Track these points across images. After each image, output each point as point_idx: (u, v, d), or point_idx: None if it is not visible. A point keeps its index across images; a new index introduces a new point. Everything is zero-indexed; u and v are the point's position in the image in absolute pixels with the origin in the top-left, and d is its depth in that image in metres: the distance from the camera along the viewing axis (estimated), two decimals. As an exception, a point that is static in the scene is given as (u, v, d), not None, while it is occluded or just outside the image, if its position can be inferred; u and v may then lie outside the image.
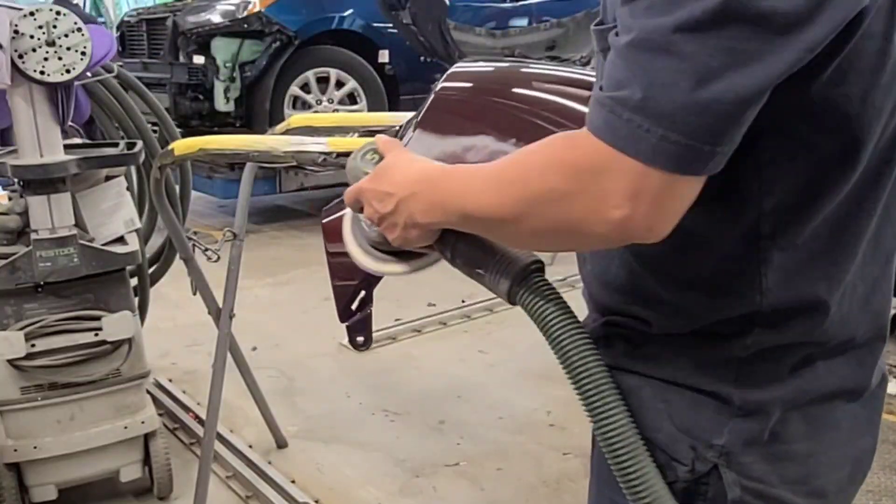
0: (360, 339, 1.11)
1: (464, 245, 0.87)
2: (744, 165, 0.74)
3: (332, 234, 1.10)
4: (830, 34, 0.67)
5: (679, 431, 0.85)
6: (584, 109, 1.10)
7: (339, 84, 5.83)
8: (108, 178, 2.52)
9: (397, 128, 1.19)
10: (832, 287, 0.82)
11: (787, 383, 0.83)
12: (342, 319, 1.09)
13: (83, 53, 2.12)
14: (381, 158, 0.94)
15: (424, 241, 0.89)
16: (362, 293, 1.08)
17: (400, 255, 0.96)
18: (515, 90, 1.14)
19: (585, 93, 1.12)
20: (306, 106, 5.75)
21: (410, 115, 2.25)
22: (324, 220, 1.11)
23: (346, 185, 0.96)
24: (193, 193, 3.54)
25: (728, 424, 0.83)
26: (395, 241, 0.90)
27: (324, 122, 2.40)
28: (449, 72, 1.19)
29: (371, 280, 1.06)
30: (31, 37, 2.08)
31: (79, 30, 2.12)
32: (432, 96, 1.14)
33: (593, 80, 1.16)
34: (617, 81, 0.69)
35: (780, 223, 0.78)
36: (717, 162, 0.69)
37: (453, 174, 0.85)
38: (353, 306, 1.09)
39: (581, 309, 0.93)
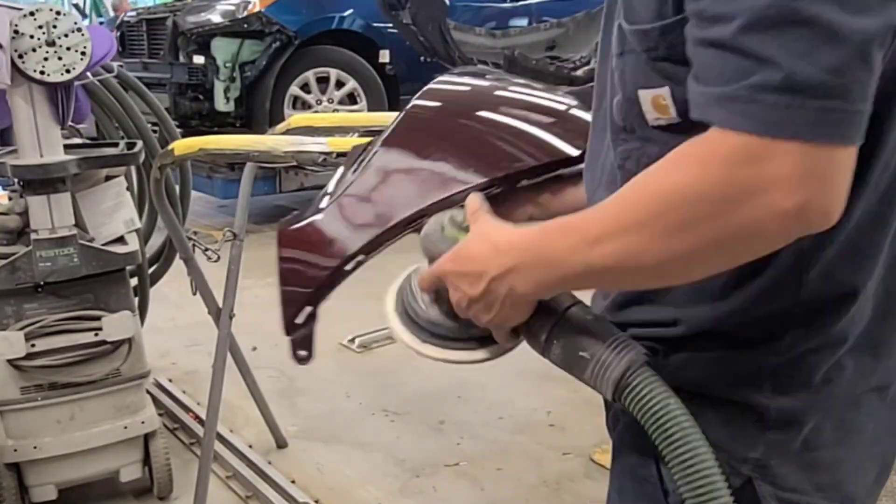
0: (303, 353, 1.09)
1: (568, 325, 0.78)
2: None
3: (291, 240, 1.08)
4: None
5: (713, 446, 0.79)
6: (546, 136, 1.10)
7: (339, 84, 5.83)
8: (108, 178, 2.52)
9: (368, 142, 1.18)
10: (866, 279, 0.79)
11: (820, 389, 0.81)
12: (287, 332, 1.07)
13: (83, 53, 2.12)
14: (464, 229, 0.86)
15: (522, 319, 0.83)
16: (309, 308, 1.06)
17: (468, 340, 0.88)
18: (482, 113, 1.13)
19: (547, 119, 1.11)
20: (306, 106, 5.75)
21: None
22: (281, 230, 1.09)
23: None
24: (193, 193, 3.54)
25: (763, 436, 0.81)
26: (489, 322, 0.84)
27: (324, 122, 2.39)
28: (424, 89, 1.18)
29: (318, 297, 1.04)
30: (31, 37, 2.07)
31: (79, 30, 2.12)
32: (403, 114, 1.14)
33: (562, 107, 1.15)
34: (739, 71, 0.65)
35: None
36: (864, 123, 0.66)
37: (564, 227, 0.77)
38: (298, 320, 1.06)
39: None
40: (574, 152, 1.02)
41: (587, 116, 1.00)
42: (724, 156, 0.66)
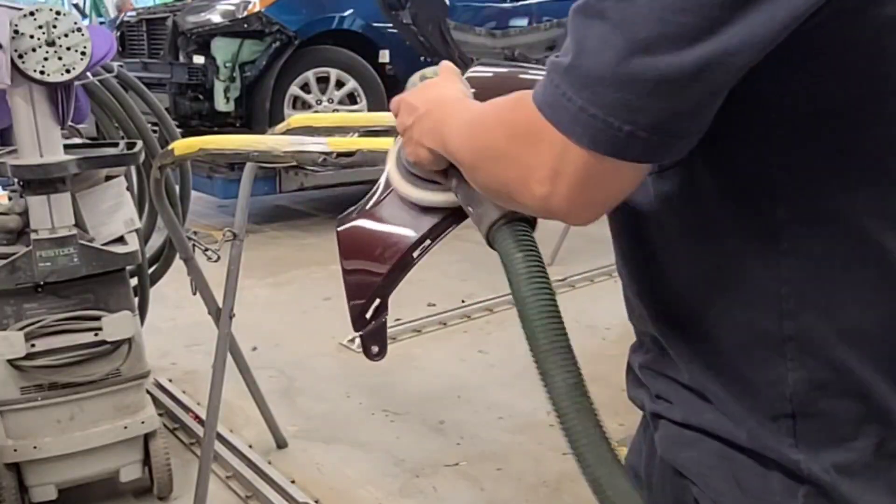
0: (375, 348, 1.07)
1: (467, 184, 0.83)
2: (750, 168, 0.67)
3: (349, 246, 1.06)
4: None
5: (748, 498, 0.76)
6: None
7: (339, 84, 5.83)
8: (108, 178, 2.52)
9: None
10: (877, 316, 0.70)
11: (854, 446, 0.72)
12: (356, 329, 1.05)
13: (83, 53, 2.12)
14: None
15: (434, 167, 0.86)
16: (377, 301, 1.03)
17: (435, 185, 0.92)
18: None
19: None
20: (306, 106, 5.75)
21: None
22: (339, 229, 1.06)
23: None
24: (193, 193, 3.54)
25: (801, 489, 0.74)
26: (408, 156, 0.90)
27: (324, 122, 2.39)
28: (465, 76, 1.18)
29: (388, 286, 1.02)
30: (31, 37, 2.08)
31: (79, 30, 2.12)
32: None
33: None
34: (564, 47, 0.66)
35: (798, 237, 0.68)
36: (648, 149, 0.62)
37: (455, 104, 0.83)
38: (368, 315, 1.04)
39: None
40: None
41: None
42: (517, 119, 0.68)
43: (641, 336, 0.87)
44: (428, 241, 0.98)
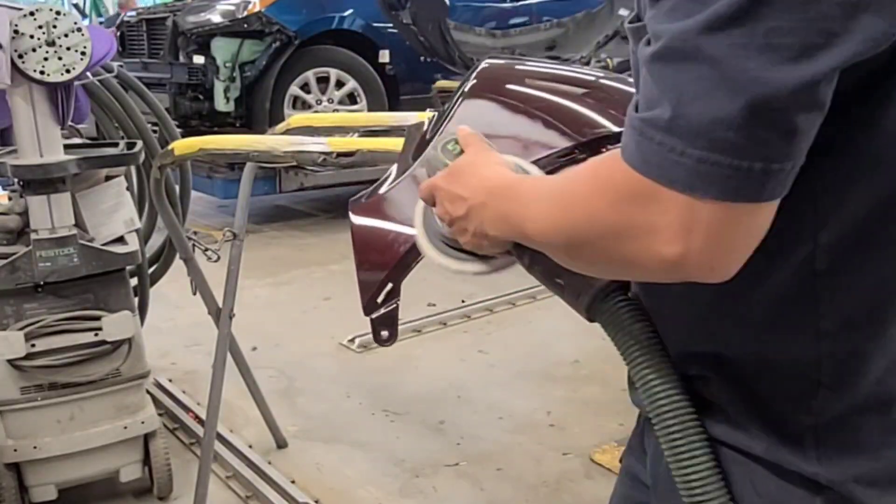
0: (385, 333, 1.06)
1: (542, 254, 0.80)
2: (792, 190, 0.63)
3: (365, 214, 1.05)
4: None
5: (764, 502, 0.75)
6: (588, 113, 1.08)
7: (339, 84, 5.83)
8: (108, 178, 2.52)
9: (426, 127, 1.16)
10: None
11: (881, 455, 0.72)
12: (367, 312, 1.03)
13: (83, 53, 2.12)
14: (462, 152, 0.89)
15: (496, 251, 0.84)
16: (389, 285, 1.02)
17: (475, 253, 0.90)
18: (553, 84, 1.12)
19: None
20: (306, 106, 5.75)
21: (412, 115, 2.25)
22: (352, 210, 1.05)
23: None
24: (193, 193, 3.54)
25: (818, 497, 0.73)
26: (466, 245, 0.85)
27: (324, 122, 2.39)
28: (478, 69, 1.16)
29: (400, 270, 1.01)
30: (31, 37, 2.07)
31: (79, 30, 2.12)
32: (461, 92, 1.12)
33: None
34: (648, 100, 0.61)
35: (838, 258, 0.67)
36: (780, 182, 0.59)
37: (520, 188, 0.77)
38: (379, 299, 1.03)
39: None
40: None
41: None
42: (617, 185, 0.63)
43: None
44: None
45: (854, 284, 0.68)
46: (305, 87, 5.76)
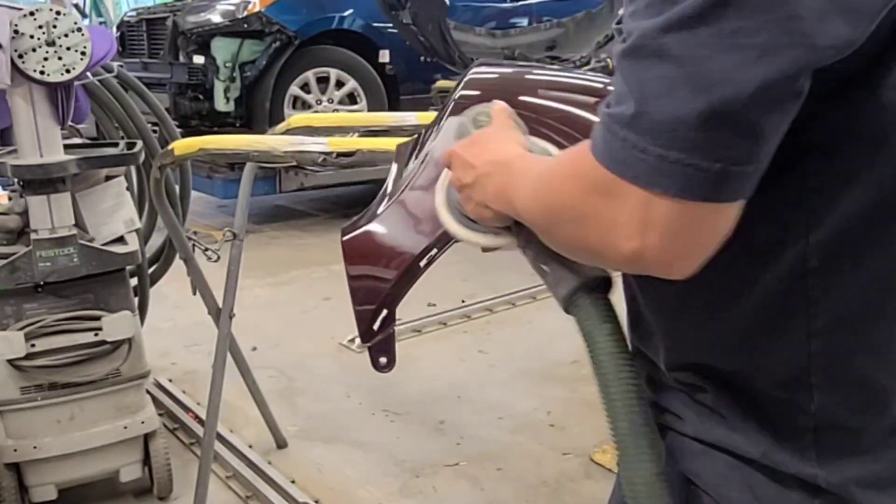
0: (384, 360, 1.06)
1: (535, 237, 0.81)
2: (783, 190, 0.65)
3: (354, 254, 1.05)
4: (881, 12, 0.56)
5: None
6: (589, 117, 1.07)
7: (339, 84, 5.83)
8: (108, 178, 2.52)
9: (422, 130, 1.16)
10: None
11: (880, 457, 0.72)
12: (364, 341, 1.04)
13: (83, 53, 2.12)
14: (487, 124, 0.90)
15: (498, 223, 0.85)
16: (384, 312, 1.03)
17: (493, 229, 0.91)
18: (540, 91, 1.11)
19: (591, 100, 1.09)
20: (306, 106, 5.76)
21: (412, 115, 2.26)
22: (344, 238, 1.05)
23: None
24: (193, 193, 3.54)
25: (817, 500, 0.73)
26: (469, 214, 0.88)
27: (324, 122, 2.39)
28: (466, 78, 1.16)
29: (395, 297, 1.02)
30: (31, 37, 2.07)
31: (79, 30, 2.12)
32: (452, 103, 1.11)
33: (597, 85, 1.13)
34: (616, 96, 0.62)
35: (830, 257, 0.67)
36: (741, 183, 0.59)
37: (517, 164, 0.80)
38: (375, 326, 1.04)
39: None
40: None
41: None
42: (587, 176, 0.64)
43: (644, 346, 0.86)
44: (434, 251, 0.98)
45: (846, 283, 0.69)
46: (305, 87, 5.76)
